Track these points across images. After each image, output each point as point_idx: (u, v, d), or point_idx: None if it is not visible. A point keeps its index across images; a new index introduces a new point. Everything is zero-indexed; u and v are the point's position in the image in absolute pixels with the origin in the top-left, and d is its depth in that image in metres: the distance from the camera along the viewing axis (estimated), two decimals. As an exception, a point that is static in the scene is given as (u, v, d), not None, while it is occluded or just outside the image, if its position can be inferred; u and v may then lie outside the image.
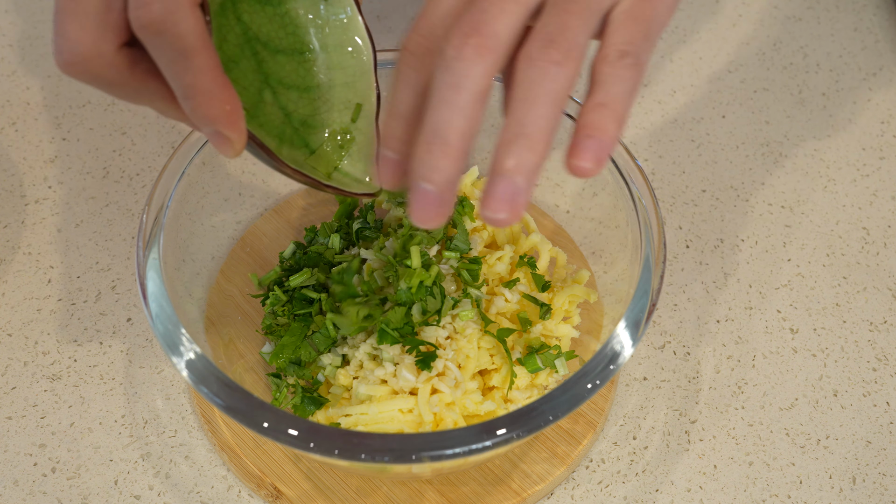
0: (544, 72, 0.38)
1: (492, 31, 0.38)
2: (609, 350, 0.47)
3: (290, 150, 0.49)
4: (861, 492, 0.54)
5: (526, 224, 0.59)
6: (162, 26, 0.38)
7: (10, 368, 0.58)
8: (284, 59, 0.50)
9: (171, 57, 0.39)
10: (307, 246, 0.59)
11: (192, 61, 0.39)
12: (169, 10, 0.38)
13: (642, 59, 0.40)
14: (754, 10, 0.80)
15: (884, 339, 0.61)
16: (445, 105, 0.38)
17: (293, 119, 0.50)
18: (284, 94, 0.50)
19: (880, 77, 0.75)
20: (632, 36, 0.40)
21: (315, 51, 0.50)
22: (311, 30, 0.50)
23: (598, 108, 0.39)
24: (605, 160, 0.39)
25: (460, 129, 0.38)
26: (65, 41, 0.40)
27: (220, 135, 0.41)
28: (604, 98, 0.39)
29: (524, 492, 0.53)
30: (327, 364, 0.53)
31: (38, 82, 0.73)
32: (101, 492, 0.54)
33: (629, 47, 0.40)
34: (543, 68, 0.38)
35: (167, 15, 0.38)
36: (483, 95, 0.38)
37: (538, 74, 0.38)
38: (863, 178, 0.69)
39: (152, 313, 0.48)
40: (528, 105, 0.38)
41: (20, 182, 0.67)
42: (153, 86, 0.41)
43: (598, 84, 0.40)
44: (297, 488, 0.53)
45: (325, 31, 0.50)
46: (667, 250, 0.64)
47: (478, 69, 0.38)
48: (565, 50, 0.38)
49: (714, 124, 0.72)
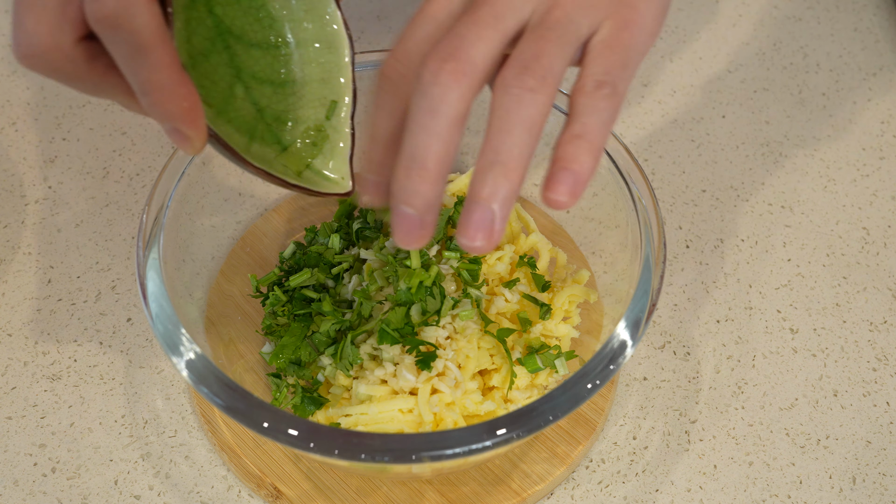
0: (519, 99, 0.38)
1: (468, 57, 0.38)
2: (609, 350, 0.47)
3: (262, 147, 0.48)
4: (861, 492, 0.54)
5: (526, 224, 0.59)
6: (116, 21, 0.38)
7: (10, 368, 0.58)
8: (259, 54, 0.49)
9: (126, 52, 0.38)
10: (307, 246, 0.59)
11: (148, 57, 0.38)
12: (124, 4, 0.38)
13: (620, 89, 0.40)
14: (754, 10, 0.80)
15: (884, 339, 0.61)
16: (422, 130, 0.38)
17: (265, 115, 0.49)
18: (257, 89, 0.49)
19: (880, 77, 0.75)
20: (609, 65, 0.40)
21: (291, 45, 0.49)
22: (288, 24, 0.49)
23: (575, 139, 0.39)
24: (580, 192, 0.39)
25: (437, 154, 0.38)
26: (22, 33, 0.39)
27: (178, 132, 0.41)
28: (580, 129, 0.39)
29: (524, 492, 0.53)
30: (327, 364, 0.53)
31: (38, 82, 0.73)
32: (101, 492, 0.54)
33: (606, 77, 0.40)
34: (518, 95, 0.38)
35: (122, 9, 0.38)
36: (460, 120, 0.38)
37: (513, 102, 0.38)
38: (863, 178, 0.69)
39: (152, 313, 0.48)
40: (504, 133, 0.38)
41: (20, 182, 0.67)
42: (113, 80, 0.41)
43: (575, 115, 0.40)
44: (297, 488, 0.53)
45: (301, 26, 0.49)
46: (667, 250, 0.64)
47: (454, 94, 0.38)
48: (540, 77, 0.38)
49: (714, 124, 0.72)
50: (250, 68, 0.48)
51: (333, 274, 0.56)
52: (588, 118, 0.39)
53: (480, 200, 0.38)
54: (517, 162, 0.38)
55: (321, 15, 0.49)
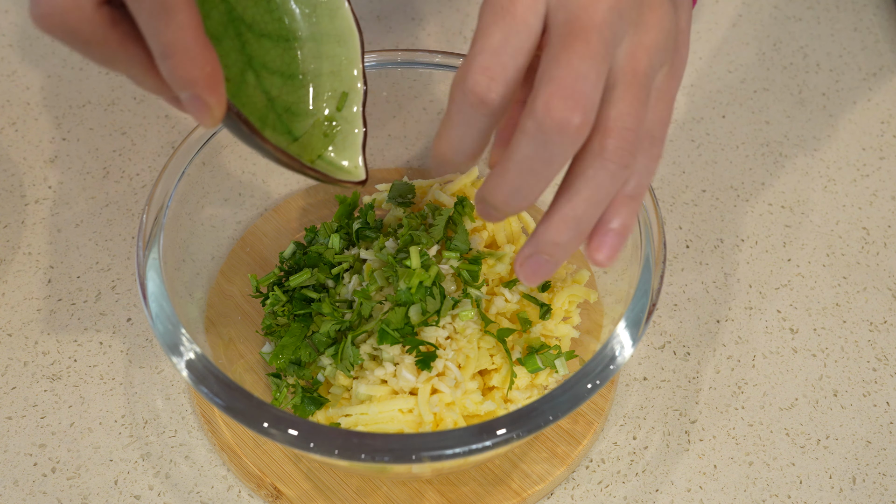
0: (614, 175, 0.40)
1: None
2: (609, 350, 0.47)
3: (274, 136, 0.48)
4: (861, 492, 0.54)
5: (526, 224, 0.59)
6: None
7: (10, 368, 0.58)
8: (269, 44, 0.48)
9: (151, 11, 0.37)
10: (307, 246, 0.59)
11: (172, 17, 0.37)
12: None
13: (660, 144, 0.42)
14: (754, 10, 0.80)
15: (884, 339, 0.61)
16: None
17: (276, 105, 0.49)
18: (268, 79, 0.48)
19: (880, 77, 0.75)
20: (657, 118, 0.41)
21: (301, 38, 0.49)
22: (299, 16, 0.49)
23: (629, 201, 0.41)
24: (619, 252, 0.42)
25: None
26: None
27: (198, 99, 0.39)
28: (633, 191, 0.41)
29: (524, 492, 0.53)
30: (327, 364, 0.53)
31: (38, 82, 0.73)
32: (101, 492, 0.54)
33: (655, 131, 0.41)
34: (614, 172, 0.39)
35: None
36: None
37: (607, 177, 0.40)
38: (863, 178, 0.69)
39: (152, 313, 0.48)
40: (590, 203, 0.40)
41: (20, 182, 0.67)
42: (131, 49, 0.40)
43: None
44: (297, 488, 0.53)
45: (312, 20, 0.49)
46: (667, 250, 0.64)
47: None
48: (634, 152, 0.40)
49: (714, 124, 0.72)
50: (261, 58, 0.48)
51: (333, 274, 0.56)
52: (643, 178, 0.41)
53: (546, 249, 0.41)
54: (588, 226, 0.40)
55: (332, 9, 0.49)
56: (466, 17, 0.78)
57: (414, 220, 0.56)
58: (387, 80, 0.60)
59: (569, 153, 0.38)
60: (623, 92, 0.39)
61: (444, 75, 0.59)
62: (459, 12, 0.78)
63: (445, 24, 0.77)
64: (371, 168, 0.66)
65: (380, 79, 0.60)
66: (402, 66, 0.59)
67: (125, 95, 0.72)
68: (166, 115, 0.71)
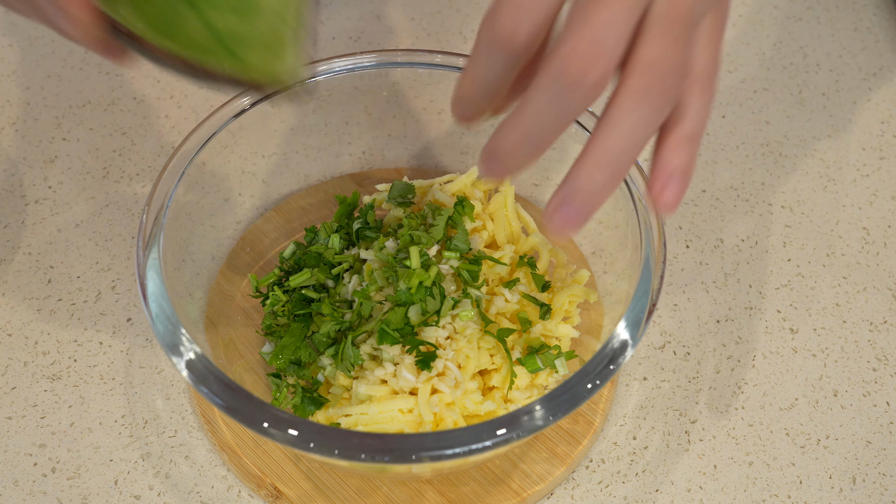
0: (649, 113, 0.39)
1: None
2: (609, 350, 0.47)
3: (215, 62, 0.44)
4: (861, 492, 0.54)
5: (526, 224, 0.59)
6: None
7: (10, 368, 0.58)
8: None
9: None
10: (307, 246, 0.59)
11: None
12: None
13: (713, 86, 0.41)
14: (754, 10, 0.80)
15: (884, 339, 0.61)
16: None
17: (218, 33, 0.44)
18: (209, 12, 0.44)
19: (880, 77, 0.75)
20: (706, 59, 0.41)
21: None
22: None
23: (686, 143, 0.40)
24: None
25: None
26: None
27: (61, 11, 0.38)
28: (690, 129, 0.40)
29: (524, 492, 0.53)
30: (327, 364, 0.53)
31: (38, 82, 0.73)
32: (101, 492, 0.54)
33: (705, 72, 0.41)
34: (651, 108, 0.38)
35: None
36: None
37: (642, 114, 0.39)
38: (863, 178, 0.69)
39: (152, 313, 0.48)
40: (624, 140, 0.39)
41: (20, 182, 0.67)
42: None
43: (682, 112, 0.40)
44: (297, 488, 0.53)
45: None
46: (667, 250, 0.64)
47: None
48: (674, 94, 0.39)
49: (714, 124, 0.72)
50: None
51: (333, 274, 0.56)
52: (693, 119, 0.41)
53: (580, 195, 0.39)
54: (624, 168, 0.39)
55: None
56: (466, 17, 0.78)
57: (414, 220, 0.56)
58: (387, 80, 0.60)
59: (583, 107, 0.38)
60: (659, 34, 0.38)
61: (444, 75, 0.59)
62: (459, 12, 0.78)
63: (445, 24, 0.77)
64: (371, 168, 0.67)
65: (380, 79, 0.60)
66: (402, 66, 0.59)
67: (125, 95, 0.72)
68: (166, 115, 0.71)
